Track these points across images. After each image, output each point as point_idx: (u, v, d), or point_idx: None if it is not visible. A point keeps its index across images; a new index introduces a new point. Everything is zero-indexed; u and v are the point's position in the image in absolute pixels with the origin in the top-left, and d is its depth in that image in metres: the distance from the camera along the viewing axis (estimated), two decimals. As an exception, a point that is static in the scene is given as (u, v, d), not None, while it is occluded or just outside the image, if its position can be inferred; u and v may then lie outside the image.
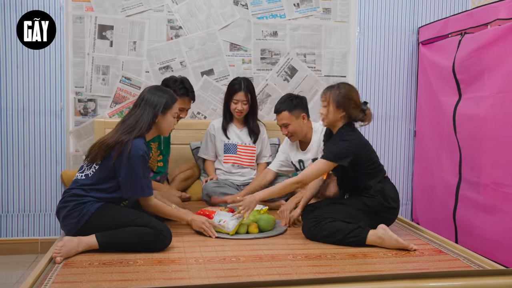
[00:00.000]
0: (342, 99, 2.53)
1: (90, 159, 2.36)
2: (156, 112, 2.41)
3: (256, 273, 2.03)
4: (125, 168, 2.29)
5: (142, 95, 2.46)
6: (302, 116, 3.03)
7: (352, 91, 2.57)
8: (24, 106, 3.40)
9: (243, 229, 2.59)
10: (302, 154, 3.13)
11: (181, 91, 2.97)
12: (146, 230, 2.24)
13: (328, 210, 2.53)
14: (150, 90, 2.47)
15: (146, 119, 2.39)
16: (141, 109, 2.41)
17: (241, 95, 3.24)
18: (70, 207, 2.28)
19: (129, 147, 2.28)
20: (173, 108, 2.49)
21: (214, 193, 3.10)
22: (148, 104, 2.41)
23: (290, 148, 3.19)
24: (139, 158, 2.30)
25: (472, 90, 3.06)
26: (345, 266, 2.13)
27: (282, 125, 3.04)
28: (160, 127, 2.48)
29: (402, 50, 3.87)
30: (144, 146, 2.35)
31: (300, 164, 3.14)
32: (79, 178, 2.36)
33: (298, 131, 3.03)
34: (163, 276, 1.98)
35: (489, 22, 2.96)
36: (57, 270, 2.03)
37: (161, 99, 2.44)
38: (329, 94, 2.57)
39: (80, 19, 3.47)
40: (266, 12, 3.70)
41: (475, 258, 2.23)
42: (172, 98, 2.50)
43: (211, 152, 3.39)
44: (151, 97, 2.43)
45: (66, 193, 2.35)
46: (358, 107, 2.56)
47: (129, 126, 2.36)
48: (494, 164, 2.87)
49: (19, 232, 3.46)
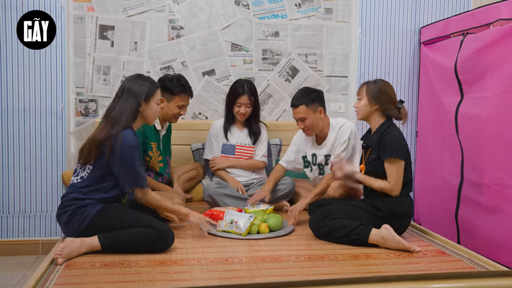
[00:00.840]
0: (377, 92, 2.56)
1: (83, 160, 2.32)
2: (139, 101, 2.36)
3: (259, 274, 2.02)
4: (118, 160, 2.26)
5: (123, 86, 2.39)
6: (319, 110, 2.97)
7: (388, 86, 2.61)
8: (25, 106, 3.39)
9: (254, 229, 2.60)
10: (317, 149, 3.10)
11: (178, 89, 2.96)
12: (148, 231, 2.23)
13: (336, 208, 2.53)
14: (130, 79, 2.42)
15: (130, 109, 2.33)
16: (123, 99, 2.35)
17: (245, 98, 3.23)
18: (71, 211, 2.26)
19: (119, 139, 2.24)
20: (156, 95, 2.44)
21: (215, 194, 3.09)
22: (130, 93, 2.35)
23: (306, 140, 3.14)
24: (131, 149, 2.27)
25: (474, 91, 3.06)
26: (348, 267, 2.12)
27: (299, 119, 2.98)
28: (145, 115, 2.42)
29: (404, 50, 3.86)
30: (134, 136, 2.31)
31: (313, 158, 3.11)
32: (75, 181, 2.34)
33: (315, 125, 2.99)
34: (165, 278, 1.97)
35: (492, 22, 2.94)
36: (59, 272, 2.03)
37: (143, 87, 2.38)
38: (365, 87, 2.61)
39: (81, 19, 3.46)
40: (267, 12, 3.70)
41: (478, 259, 2.22)
42: (154, 85, 2.45)
43: (216, 152, 3.36)
44: (132, 86, 2.37)
45: (64, 198, 2.33)
46: (393, 103, 2.59)
47: (115, 119, 2.31)
48: (496, 165, 2.86)
49: (20, 233, 3.45)
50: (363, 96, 2.61)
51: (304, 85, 3.74)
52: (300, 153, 3.17)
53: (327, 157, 3.06)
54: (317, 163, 3.10)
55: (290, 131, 3.68)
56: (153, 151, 2.98)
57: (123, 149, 2.25)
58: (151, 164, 2.98)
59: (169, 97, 2.96)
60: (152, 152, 2.98)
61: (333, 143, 3.04)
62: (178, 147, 3.47)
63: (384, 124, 2.58)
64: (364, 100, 2.60)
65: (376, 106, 2.57)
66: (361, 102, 2.62)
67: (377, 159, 2.54)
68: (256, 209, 2.84)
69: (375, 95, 2.57)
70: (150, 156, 2.96)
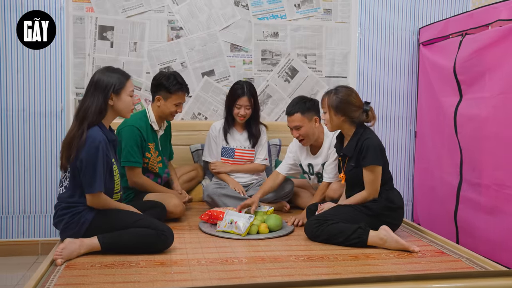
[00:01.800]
0: (340, 104, 2.53)
1: (62, 166, 2.28)
2: (107, 95, 2.26)
3: (259, 274, 2.03)
4: (80, 162, 2.19)
5: (92, 79, 2.30)
6: (314, 119, 2.94)
7: (350, 94, 2.56)
8: (24, 107, 3.39)
9: (254, 230, 2.61)
10: (312, 159, 3.06)
11: (175, 87, 2.93)
12: (148, 231, 2.23)
13: (331, 212, 2.53)
14: (100, 72, 2.32)
15: (97, 104, 2.24)
16: (91, 95, 2.26)
17: (245, 100, 3.22)
18: (67, 219, 2.26)
19: (83, 139, 2.18)
20: (127, 87, 2.33)
21: (215, 195, 3.09)
22: (98, 88, 2.26)
23: (300, 150, 3.10)
24: (94, 149, 2.18)
25: (473, 91, 3.06)
26: (347, 267, 2.13)
27: (293, 127, 2.94)
28: (117, 109, 2.32)
29: (403, 50, 3.86)
30: (100, 136, 2.21)
31: (310, 168, 3.09)
32: (61, 192, 2.31)
33: (310, 134, 2.94)
34: (165, 278, 1.98)
35: (490, 23, 2.95)
36: (59, 272, 2.03)
37: (112, 79, 2.28)
38: (327, 100, 2.58)
39: (81, 19, 3.46)
40: (266, 13, 3.70)
41: (477, 259, 2.23)
42: (124, 76, 2.35)
43: (215, 154, 3.36)
44: (101, 78, 2.28)
45: (57, 207, 2.31)
46: (358, 109, 2.56)
47: (81, 117, 2.23)
48: (495, 165, 2.86)
49: (20, 233, 3.45)
50: (327, 109, 2.58)
51: (303, 85, 3.75)
52: (296, 161, 3.13)
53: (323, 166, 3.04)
54: (315, 173, 3.09)
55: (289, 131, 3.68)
56: (151, 152, 2.98)
57: (85, 149, 2.17)
58: (149, 165, 2.97)
59: (166, 95, 2.94)
60: (150, 153, 2.97)
61: (328, 150, 3.01)
62: (177, 147, 3.47)
63: (358, 131, 2.57)
64: (330, 113, 2.57)
65: (342, 118, 2.56)
66: (327, 115, 2.60)
67: (356, 166, 2.55)
68: (257, 210, 2.84)
69: (337, 107, 2.54)
70: (148, 157, 2.95)
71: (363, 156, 2.49)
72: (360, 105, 2.56)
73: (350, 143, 2.58)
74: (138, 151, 2.86)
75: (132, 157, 2.83)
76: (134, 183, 2.88)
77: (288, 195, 3.20)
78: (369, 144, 2.49)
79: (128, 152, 2.82)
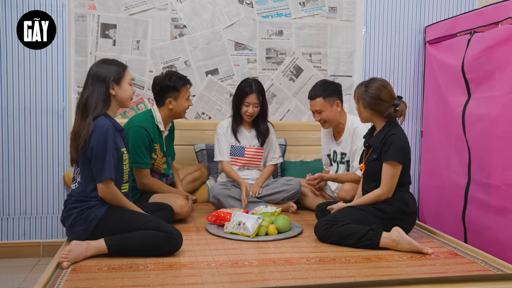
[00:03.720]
0: (369, 99, 2.50)
1: (72, 159, 2.28)
2: (108, 84, 2.27)
3: (271, 277, 1.98)
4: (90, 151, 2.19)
5: (89, 72, 2.31)
6: (336, 103, 2.98)
7: (381, 89, 2.49)
8: (25, 106, 3.33)
9: (262, 231, 2.56)
10: (336, 145, 3.12)
11: (180, 82, 2.91)
12: (156, 234, 2.18)
13: (342, 213, 2.48)
14: (96, 64, 2.33)
15: (99, 96, 2.25)
16: (90, 87, 2.27)
17: (253, 97, 3.15)
18: (76, 214, 2.21)
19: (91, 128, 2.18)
20: (126, 76, 2.35)
21: (221, 195, 3.04)
22: (97, 79, 2.27)
23: (327, 136, 3.19)
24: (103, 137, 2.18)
25: (482, 90, 3.02)
26: (361, 269, 2.08)
27: (315, 111, 2.99)
28: (119, 98, 2.33)
29: (409, 49, 3.83)
30: (107, 124, 2.22)
31: (335, 155, 3.14)
32: (73, 188, 2.30)
33: (331, 118, 2.99)
34: (175, 281, 1.92)
35: (500, 21, 2.91)
36: (66, 276, 1.97)
37: (110, 70, 2.30)
38: (357, 93, 2.56)
39: (83, 17, 3.40)
40: (271, 11, 3.65)
41: (493, 261, 2.18)
42: (122, 66, 2.36)
43: (226, 153, 3.24)
44: (98, 70, 2.29)
45: (68, 201, 2.28)
46: (388, 104, 2.49)
47: (86, 108, 2.23)
48: (505, 165, 2.82)
49: (21, 235, 3.38)
50: (357, 101, 2.57)
51: (308, 84, 3.70)
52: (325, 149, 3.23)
53: (342, 155, 3.04)
54: (337, 160, 3.11)
55: (294, 131, 3.66)
56: (157, 153, 2.93)
57: (94, 137, 2.18)
58: (155, 166, 2.93)
59: (175, 95, 2.91)
60: (156, 154, 2.92)
61: (348, 143, 3.04)
62: (181, 147, 3.42)
63: (388, 125, 2.53)
64: (359, 105, 2.55)
65: (370, 112, 2.52)
66: (358, 107, 2.58)
67: (378, 159, 2.50)
68: (264, 211, 2.80)
69: (367, 102, 2.50)
70: (154, 158, 2.90)
71: (385, 150, 2.45)
72: (391, 100, 2.50)
73: (378, 135, 2.54)
74: (146, 152, 2.81)
75: (140, 158, 2.77)
76: (143, 185, 2.83)
77: (295, 196, 3.15)
78: (395, 140, 2.44)
79: (136, 153, 2.76)
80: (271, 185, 3.17)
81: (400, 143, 2.45)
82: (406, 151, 2.49)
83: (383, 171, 2.46)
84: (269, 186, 3.17)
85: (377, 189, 2.49)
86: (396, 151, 2.43)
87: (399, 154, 2.43)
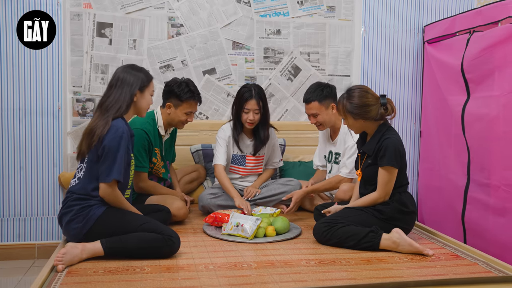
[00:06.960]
0: (356, 110, 2.43)
1: (80, 153, 2.26)
2: (133, 91, 2.30)
3: (271, 280, 1.95)
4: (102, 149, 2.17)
5: (117, 75, 2.33)
6: (331, 106, 2.98)
7: (363, 96, 2.44)
8: (20, 106, 3.28)
9: (261, 233, 2.52)
10: (332, 145, 3.12)
11: (187, 95, 2.83)
12: (154, 236, 2.15)
13: (341, 215, 2.45)
14: (124, 69, 2.35)
15: (124, 99, 2.28)
16: (118, 89, 2.29)
17: (253, 103, 3.01)
18: (75, 211, 2.18)
19: (107, 128, 2.18)
20: (150, 86, 2.40)
21: (210, 205, 2.99)
22: (124, 83, 2.30)
23: (323, 137, 3.20)
24: (118, 138, 2.18)
25: (482, 90, 3.00)
26: (361, 271, 2.05)
27: (311, 114, 3.00)
28: (139, 106, 2.36)
29: (407, 49, 3.80)
30: (124, 127, 2.23)
31: (330, 156, 3.13)
32: (73, 184, 2.26)
33: (327, 121, 3.01)
34: (173, 285, 1.89)
35: (500, 20, 2.89)
36: (61, 279, 1.93)
37: (138, 77, 2.34)
38: (341, 107, 2.49)
39: (78, 16, 3.36)
40: (269, 10, 3.62)
41: (494, 263, 2.16)
42: (148, 76, 2.40)
43: (225, 157, 3.11)
44: (127, 76, 2.32)
45: (68, 198, 2.24)
46: (376, 107, 2.44)
47: (108, 108, 2.25)
48: (505, 165, 2.80)
49: (15, 236, 3.34)
50: (344, 116, 2.51)
51: (306, 84, 3.67)
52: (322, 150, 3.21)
53: (336, 155, 3.03)
54: (331, 161, 3.10)
55: (292, 131, 3.63)
56: (157, 157, 2.90)
57: (109, 137, 2.17)
58: (154, 170, 2.90)
59: (176, 103, 2.85)
60: (156, 159, 2.90)
61: (342, 143, 3.01)
62: (178, 147, 3.37)
63: (381, 129, 2.48)
64: (348, 119, 2.50)
65: (361, 121, 2.47)
66: (347, 121, 2.52)
67: (374, 164, 2.48)
68: (263, 212, 2.76)
69: (356, 114, 2.44)
70: (154, 162, 2.88)
71: (381, 155, 2.41)
72: (377, 101, 2.45)
73: (372, 140, 2.50)
74: (146, 156, 2.77)
75: (139, 162, 2.74)
76: (140, 188, 2.80)
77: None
78: (389, 144, 2.40)
79: (135, 156, 2.71)
80: (270, 186, 3.13)
81: (395, 147, 2.41)
82: (402, 154, 2.46)
83: (379, 176, 2.43)
84: (268, 186, 3.13)
85: (373, 193, 2.46)
86: (392, 156, 2.40)
87: (395, 159, 2.40)
